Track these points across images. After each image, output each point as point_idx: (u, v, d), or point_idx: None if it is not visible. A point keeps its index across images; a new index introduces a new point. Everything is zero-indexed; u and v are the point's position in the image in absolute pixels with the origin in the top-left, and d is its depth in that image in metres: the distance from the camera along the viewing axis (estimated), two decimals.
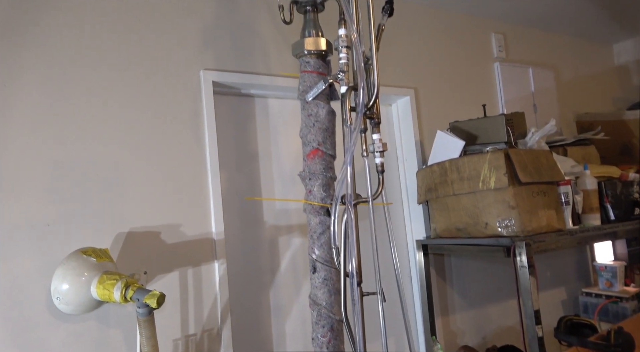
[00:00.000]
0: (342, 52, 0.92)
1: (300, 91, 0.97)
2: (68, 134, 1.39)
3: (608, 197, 1.89)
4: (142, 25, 1.56)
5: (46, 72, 1.38)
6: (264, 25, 1.81)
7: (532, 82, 2.61)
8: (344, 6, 0.90)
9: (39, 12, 1.39)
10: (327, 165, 0.96)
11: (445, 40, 2.35)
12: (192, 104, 1.62)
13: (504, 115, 1.78)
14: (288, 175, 1.89)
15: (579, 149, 2.15)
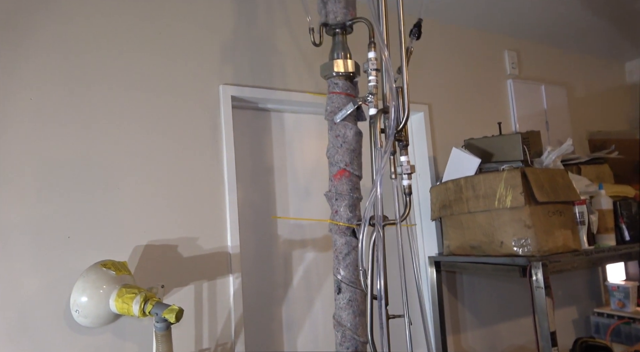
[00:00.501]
0: (371, 75, 0.93)
1: (328, 112, 0.98)
2: (88, 147, 1.40)
3: (623, 217, 1.88)
4: (163, 40, 1.58)
5: (67, 87, 1.40)
6: (282, 41, 1.83)
7: (544, 100, 2.62)
8: (375, 29, 0.91)
9: (58, 28, 1.41)
10: (354, 186, 0.96)
11: (459, 57, 2.37)
12: (211, 118, 1.63)
13: (520, 134, 1.78)
14: (302, 189, 1.89)
15: (593, 167, 2.15)
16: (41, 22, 1.38)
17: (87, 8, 1.45)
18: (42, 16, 1.39)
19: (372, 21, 0.95)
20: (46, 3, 1.39)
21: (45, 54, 1.38)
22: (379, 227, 0.84)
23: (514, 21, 2.38)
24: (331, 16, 0.99)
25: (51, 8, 1.40)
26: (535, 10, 2.25)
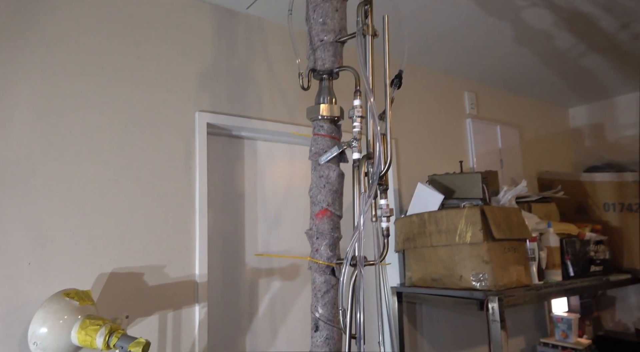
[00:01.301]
0: (356, 121, 0.98)
1: (313, 152, 1.02)
2: (55, 169, 1.36)
3: (569, 254, 2.03)
4: (142, 65, 1.57)
5: (39, 107, 1.36)
6: (259, 71, 1.87)
7: (499, 139, 2.81)
8: (362, 78, 0.97)
9: (35, 49, 1.38)
10: (335, 226, 1.00)
11: (424, 95, 2.50)
12: (185, 144, 1.63)
13: (480, 174, 1.91)
14: (272, 217, 1.90)
15: (542, 205, 2.31)
16: (17, 44, 1.34)
17: (65, 29, 1.43)
18: (19, 38, 1.35)
19: (358, 70, 1.01)
20: (23, 25, 1.36)
21: (21, 74, 1.33)
22: (360, 268, 0.87)
23: (474, 66, 2.56)
24: (319, 63, 1.04)
25: (27, 29, 1.37)
26: (492, 58, 2.44)
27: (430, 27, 2.06)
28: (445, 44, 2.24)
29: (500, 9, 1.91)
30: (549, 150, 3.16)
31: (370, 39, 0.99)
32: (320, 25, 1.04)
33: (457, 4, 1.86)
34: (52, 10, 1.41)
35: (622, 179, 2.29)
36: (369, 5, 1.00)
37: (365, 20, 0.99)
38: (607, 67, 2.59)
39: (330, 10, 1.04)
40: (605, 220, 2.35)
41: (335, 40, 1.04)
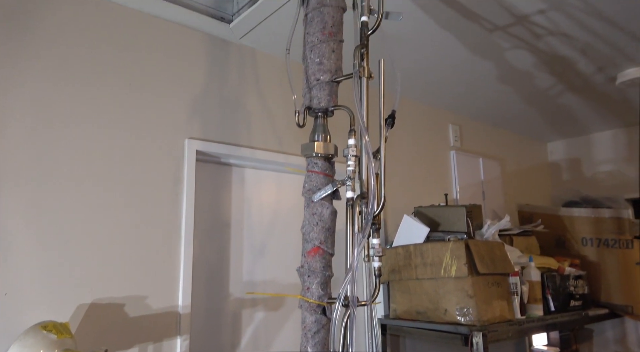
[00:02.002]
0: (350, 160, 1.00)
1: (306, 189, 1.03)
2: (34, 195, 1.32)
3: (549, 288, 2.07)
4: (132, 91, 1.57)
5: (28, 127, 1.33)
6: (250, 99, 1.89)
7: (482, 172, 2.87)
8: (356, 118, 0.99)
9: (28, 68, 1.37)
10: (327, 264, 1.00)
11: (410, 126, 2.56)
12: (174, 171, 1.61)
13: (465, 207, 1.94)
14: (258, 246, 1.89)
15: (523, 239, 2.36)
16: (11, 60, 1.32)
17: (56, 55, 1.42)
18: (11, 55, 1.33)
19: (353, 110, 1.03)
20: (16, 45, 1.35)
21: (14, 93, 1.31)
22: (353, 308, 0.87)
23: (459, 101, 2.64)
24: (315, 101, 1.06)
25: (20, 47, 1.35)
26: (476, 94, 2.52)
27: (418, 64, 2.12)
28: (431, 79, 2.31)
29: (484, 50, 1.99)
30: (529, 183, 3.25)
31: (366, 81, 1.02)
32: (317, 65, 1.07)
33: (444, 43, 1.92)
34: (45, 34, 1.40)
35: (599, 215, 2.36)
36: (365, 49, 1.03)
37: (361, 63, 1.02)
38: (584, 106, 2.70)
39: (327, 51, 1.07)
40: (584, 254, 2.40)
41: (331, 80, 1.07)
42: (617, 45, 1.93)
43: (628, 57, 2.04)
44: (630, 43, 1.91)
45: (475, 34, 1.84)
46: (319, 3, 1.08)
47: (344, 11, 1.12)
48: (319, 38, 1.07)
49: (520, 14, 1.69)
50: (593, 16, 1.70)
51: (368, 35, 1.05)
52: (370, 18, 1.06)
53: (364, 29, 1.05)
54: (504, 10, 1.66)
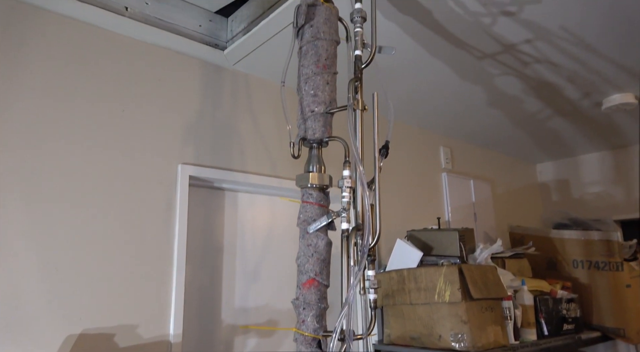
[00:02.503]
0: (345, 191, 1.00)
1: (301, 220, 1.03)
2: (24, 217, 1.31)
3: (542, 312, 2.07)
4: (126, 117, 1.57)
5: (21, 150, 1.32)
6: (244, 124, 1.90)
7: (473, 193, 2.90)
8: (351, 149, 1.00)
9: (23, 94, 1.36)
10: (322, 296, 0.99)
11: (402, 149, 2.58)
12: (167, 196, 1.61)
13: (457, 231, 1.95)
14: (250, 271, 1.87)
15: (515, 261, 2.37)
16: (3, 83, 1.32)
17: (51, 80, 1.42)
18: (4, 78, 1.33)
19: (347, 141, 1.04)
20: (9, 69, 1.35)
21: (7, 116, 1.31)
22: (349, 342, 0.86)
23: (449, 124, 2.68)
24: (310, 132, 1.07)
25: (14, 71, 1.35)
26: (466, 118, 2.57)
27: (410, 89, 2.16)
28: (422, 103, 2.35)
29: (474, 76, 2.03)
30: (519, 204, 3.28)
31: (360, 113, 1.03)
32: (311, 97, 1.08)
33: (435, 70, 1.96)
34: (39, 59, 1.41)
35: (589, 237, 2.38)
36: (359, 82, 1.05)
37: (355, 96, 1.04)
38: (572, 129, 2.76)
39: (322, 83, 1.09)
40: (575, 277, 2.42)
41: (326, 112, 1.08)
42: (601, 73, 1.98)
43: (612, 83, 2.10)
44: (613, 71, 1.97)
45: (465, 61, 1.89)
46: (313, 36, 1.10)
47: (338, 44, 1.14)
48: (313, 70, 1.09)
49: (507, 43, 1.74)
50: (577, 46, 1.75)
51: (362, 68, 1.07)
52: (364, 52, 1.08)
53: (358, 63, 1.07)
54: (492, 39, 1.71)
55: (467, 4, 1.48)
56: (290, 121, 1.14)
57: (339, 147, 1.09)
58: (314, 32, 1.10)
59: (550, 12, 1.53)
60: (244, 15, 1.74)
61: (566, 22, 1.59)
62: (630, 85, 2.10)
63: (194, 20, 1.73)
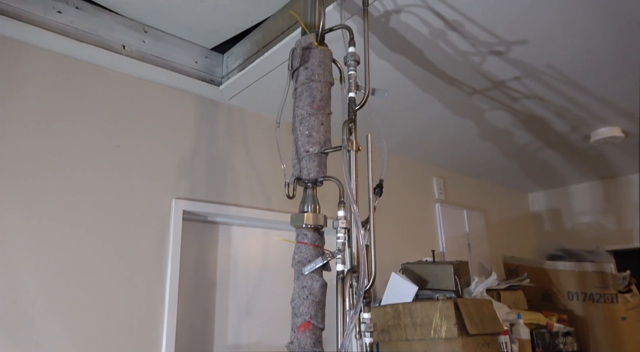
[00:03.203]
0: (340, 232, 1.00)
1: (296, 261, 1.02)
2: (19, 248, 1.28)
3: (539, 346, 2.04)
4: (120, 153, 1.57)
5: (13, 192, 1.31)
6: (238, 157, 1.91)
7: (466, 223, 2.90)
8: (346, 189, 1.01)
9: (17, 130, 1.37)
10: (317, 339, 0.97)
11: (395, 180, 2.60)
12: (160, 232, 1.59)
13: (452, 265, 1.94)
14: (244, 307, 1.84)
15: (510, 293, 2.35)
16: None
17: (46, 115, 1.43)
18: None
19: (342, 181, 1.05)
20: (9, 108, 1.35)
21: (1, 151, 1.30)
22: None
23: (441, 155, 2.71)
24: (305, 172, 1.08)
25: (11, 108, 1.36)
26: (458, 149, 2.60)
27: (402, 122, 2.20)
28: (414, 136, 2.38)
29: (465, 110, 2.08)
30: (512, 234, 3.29)
31: (354, 154, 1.05)
32: (306, 137, 1.09)
33: (426, 105, 2.00)
34: (34, 94, 1.42)
35: (583, 269, 2.39)
36: (353, 123, 1.07)
37: (349, 137, 1.05)
38: (562, 160, 2.80)
39: (316, 124, 1.10)
40: (570, 309, 2.41)
41: (320, 152, 1.09)
42: (588, 108, 2.03)
43: (599, 118, 2.15)
44: (600, 106, 2.02)
45: (456, 96, 1.93)
46: (308, 78, 1.12)
47: (332, 85, 1.16)
48: (308, 111, 1.10)
49: (496, 79, 1.79)
50: (564, 83, 1.80)
51: (355, 110, 1.09)
52: (358, 94, 1.11)
53: (352, 104, 1.09)
54: (482, 76, 1.75)
55: (457, 44, 1.52)
56: (285, 160, 1.15)
57: (333, 184, 1.10)
58: (309, 74, 1.12)
59: (536, 52, 1.58)
60: (239, 52, 1.78)
61: (552, 61, 1.64)
62: (616, 119, 2.16)
63: (190, 57, 1.77)
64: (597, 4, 1.32)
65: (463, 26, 1.42)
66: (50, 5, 1.38)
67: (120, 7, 1.55)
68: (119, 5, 1.53)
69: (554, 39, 1.50)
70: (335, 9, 1.31)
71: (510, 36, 1.48)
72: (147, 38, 1.64)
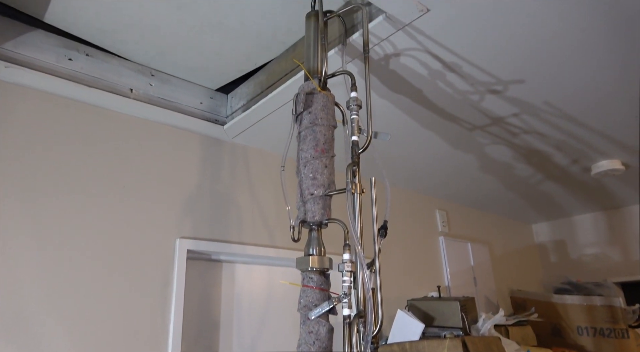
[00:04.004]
0: (345, 276, 1.00)
1: (302, 305, 1.02)
2: (15, 300, 1.28)
3: None
4: (126, 194, 1.59)
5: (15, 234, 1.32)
6: (242, 195, 1.92)
7: (471, 256, 2.88)
8: (350, 232, 1.01)
9: (21, 170, 1.39)
10: None
11: (398, 213, 2.60)
12: (164, 272, 1.59)
13: (459, 301, 1.92)
14: (248, 346, 1.81)
15: (518, 329, 2.31)
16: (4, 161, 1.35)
17: (53, 155, 1.45)
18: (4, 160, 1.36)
19: (347, 223, 1.06)
20: (19, 151, 1.38)
21: (3, 186, 1.31)
22: None
23: (443, 188, 2.72)
24: (310, 215, 1.09)
25: (17, 146, 1.38)
26: (460, 182, 2.62)
27: (404, 156, 2.22)
28: (416, 169, 2.40)
29: (465, 145, 2.10)
30: (518, 266, 3.26)
31: (358, 197, 1.06)
32: (310, 180, 1.11)
33: (427, 140, 2.03)
34: (41, 137, 1.45)
35: (591, 303, 2.35)
36: (357, 166, 1.08)
37: (353, 180, 1.06)
38: (564, 192, 2.81)
39: (320, 167, 1.12)
40: (581, 344, 2.35)
41: (325, 194, 1.10)
42: (587, 141, 2.06)
43: (599, 151, 2.17)
44: (599, 140, 2.05)
45: (456, 132, 1.96)
46: (312, 123, 1.15)
47: (335, 128, 1.19)
48: (312, 154, 1.13)
49: (495, 116, 1.82)
50: (562, 118, 1.84)
51: (359, 153, 1.11)
52: (360, 137, 1.13)
53: (355, 148, 1.12)
54: (481, 113, 1.79)
55: (456, 83, 1.57)
56: (289, 201, 1.16)
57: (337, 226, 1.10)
58: (312, 119, 1.15)
59: (533, 90, 1.62)
60: (244, 93, 1.83)
61: (549, 99, 1.68)
62: (616, 152, 2.18)
63: (196, 98, 1.81)
64: (590, 42, 1.36)
65: (461, 68, 1.46)
66: (62, 53, 1.43)
67: (129, 53, 1.60)
68: (128, 51, 1.59)
69: (550, 78, 1.54)
70: (336, 53, 1.36)
71: (507, 76, 1.52)
72: (154, 81, 1.69)
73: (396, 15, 1.20)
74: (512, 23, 1.26)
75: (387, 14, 1.21)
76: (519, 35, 1.31)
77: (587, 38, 1.33)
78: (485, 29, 1.28)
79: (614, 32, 1.31)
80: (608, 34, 1.31)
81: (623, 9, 1.20)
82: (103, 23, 1.43)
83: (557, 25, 1.27)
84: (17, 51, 1.34)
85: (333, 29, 1.42)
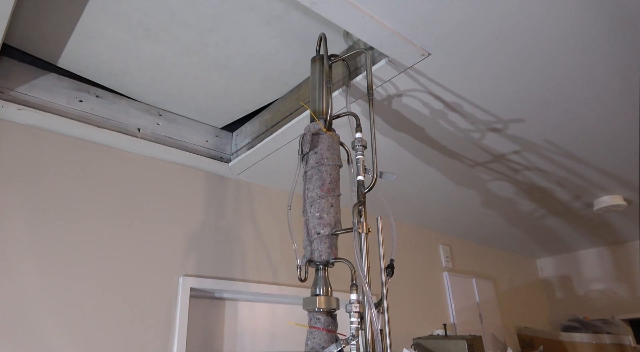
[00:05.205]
0: (353, 317, 0.99)
1: (309, 347, 1.00)
2: (19, 329, 1.25)
3: None
4: (131, 232, 1.59)
5: (24, 266, 1.31)
6: (245, 231, 1.92)
7: (476, 292, 2.84)
8: (357, 271, 1.01)
9: (29, 205, 1.40)
10: None
11: (402, 248, 2.58)
12: (167, 310, 1.56)
13: (465, 340, 1.88)
14: None
15: None
16: (11, 196, 1.36)
17: (61, 193, 1.46)
18: (11, 188, 1.37)
19: (353, 263, 1.06)
20: (27, 191, 1.39)
21: (14, 223, 1.31)
22: None
23: (446, 223, 2.72)
24: (316, 254, 1.09)
25: (28, 183, 1.40)
26: (463, 217, 2.62)
27: (407, 192, 2.24)
28: (419, 204, 2.41)
29: (467, 181, 2.12)
30: (524, 302, 3.20)
31: (365, 236, 1.06)
32: (317, 219, 1.12)
33: (430, 177, 2.05)
34: (51, 178, 1.46)
35: (600, 341, 2.30)
36: (363, 206, 1.09)
37: (360, 219, 1.07)
38: (567, 227, 2.80)
39: (326, 206, 1.13)
40: None
41: (331, 234, 1.11)
42: (588, 178, 2.08)
43: (600, 187, 2.19)
44: (600, 176, 2.07)
45: (458, 168, 1.98)
46: (317, 162, 1.17)
47: (340, 167, 1.21)
48: (318, 194, 1.14)
49: (497, 153, 1.85)
50: (562, 156, 1.86)
51: (364, 193, 1.12)
52: (366, 177, 1.15)
53: (360, 187, 1.13)
54: (482, 150, 1.82)
55: (457, 122, 1.60)
56: (296, 240, 1.17)
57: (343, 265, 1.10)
58: (318, 159, 1.17)
59: (533, 128, 1.65)
60: (248, 131, 1.86)
61: (550, 137, 1.71)
62: (617, 188, 2.19)
63: (201, 136, 1.85)
64: (587, 81, 1.40)
65: (462, 107, 1.50)
66: (73, 95, 1.47)
67: (137, 94, 1.65)
68: (137, 92, 1.63)
69: (549, 116, 1.58)
70: (341, 94, 1.40)
71: (507, 115, 1.56)
72: (161, 121, 1.73)
73: (398, 59, 1.24)
74: (510, 66, 1.30)
75: (390, 58, 1.25)
76: (517, 78, 1.36)
77: (580, 78, 1.37)
78: (484, 72, 1.33)
79: (611, 73, 1.35)
80: (605, 75, 1.35)
81: (618, 52, 1.25)
82: (114, 67, 1.48)
83: (552, 68, 1.31)
84: (30, 94, 1.38)
85: (337, 70, 1.47)
